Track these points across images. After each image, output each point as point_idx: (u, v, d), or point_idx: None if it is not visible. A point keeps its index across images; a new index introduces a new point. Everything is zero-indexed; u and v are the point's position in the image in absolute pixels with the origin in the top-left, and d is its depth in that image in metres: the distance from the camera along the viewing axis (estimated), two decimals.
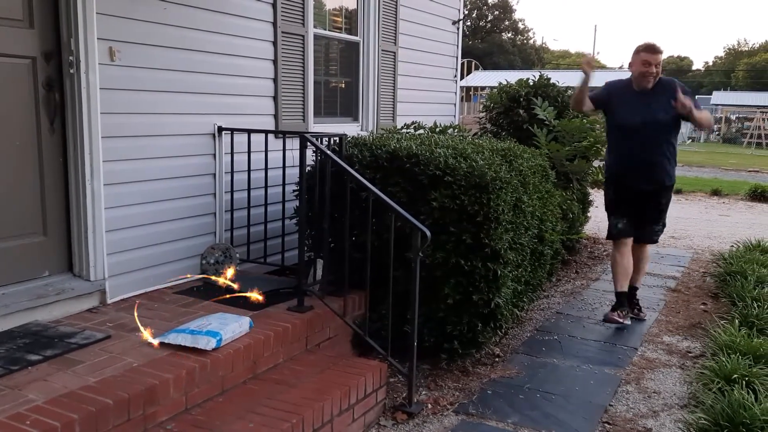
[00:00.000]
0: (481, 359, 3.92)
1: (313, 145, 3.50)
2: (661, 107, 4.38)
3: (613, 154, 4.75)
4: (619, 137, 4.67)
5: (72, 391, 2.42)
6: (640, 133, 4.45)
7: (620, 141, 4.65)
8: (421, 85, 6.45)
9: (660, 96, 4.40)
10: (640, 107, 4.45)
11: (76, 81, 3.27)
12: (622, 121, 4.57)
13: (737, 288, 5.11)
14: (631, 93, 4.53)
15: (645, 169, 4.50)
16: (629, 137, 4.53)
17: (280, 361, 3.18)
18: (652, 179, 4.54)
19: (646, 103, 4.44)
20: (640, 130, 4.45)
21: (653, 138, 4.46)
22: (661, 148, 4.49)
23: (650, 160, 4.48)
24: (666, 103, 4.34)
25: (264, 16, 4.44)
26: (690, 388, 3.64)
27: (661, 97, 4.39)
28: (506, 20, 52.82)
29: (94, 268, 3.43)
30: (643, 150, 4.48)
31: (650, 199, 4.62)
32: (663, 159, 4.50)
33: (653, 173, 4.52)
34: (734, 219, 9.82)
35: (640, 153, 4.49)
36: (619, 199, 4.72)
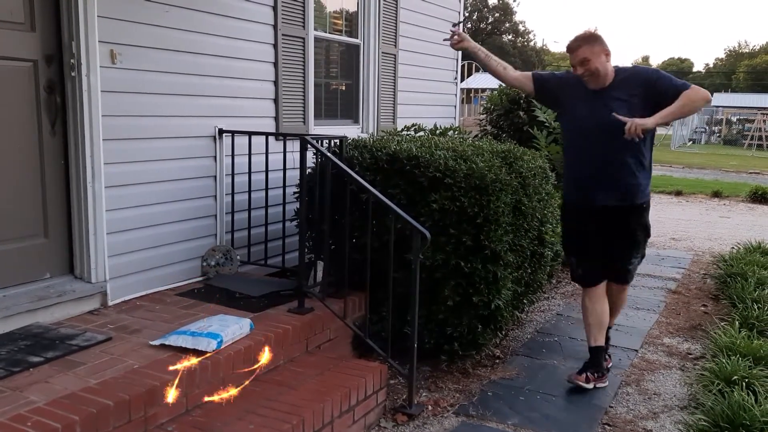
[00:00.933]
0: (481, 361, 3.92)
1: (313, 147, 3.51)
2: (622, 107, 3.39)
3: (567, 169, 3.76)
4: (570, 145, 3.71)
5: (73, 392, 2.43)
6: (595, 140, 3.47)
7: (572, 150, 3.69)
8: (422, 87, 6.46)
9: (621, 93, 3.44)
10: (596, 107, 3.47)
11: (77, 84, 3.29)
12: (572, 123, 3.64)
13: (738, 290, 5.11)
14: (585, 88, 3.53)
15: (603, 186, 3.50)
16: (581, 145, 3.58)
17: (280, 363, 3.18)
18: (614, 198, 3.51)
19: (602, 102, 3.45)
20: (594, 135, 3.47)
21: (611, 145, 3.43)
22: (623, 157, 3.46)
23: (609, 174, 3.48)
24: (630, 102, 3.40)
25: (264, 19, 4.45)
26: (690, 390, 3.64)
27: (623, 93, 3.44)
28: (507, 22, 52.88)
29: (95, 270, 3.44)
30: (599, 161, 3.49)
31: (615, 224, 3.56)
32: (626, 172, 3.48)
33: (614, 190, 3.49)
34: (735, 221, 9.82)
35: (595, 165, 3.51)
36: (577, 230, 3.70)
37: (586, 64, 3.43)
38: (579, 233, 3.69)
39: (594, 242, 3.64)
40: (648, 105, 3.37)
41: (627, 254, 3.66)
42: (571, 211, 3.75)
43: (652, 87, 3.42)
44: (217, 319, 3.11)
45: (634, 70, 3.62)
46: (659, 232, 8.53)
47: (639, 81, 3.46)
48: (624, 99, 3.42)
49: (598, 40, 3.47)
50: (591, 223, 3.61)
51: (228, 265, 4.10)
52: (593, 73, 3.44)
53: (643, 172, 3.54)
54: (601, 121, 3.42)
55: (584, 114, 3.53)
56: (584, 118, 3.53)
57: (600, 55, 3.43)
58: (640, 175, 3.52)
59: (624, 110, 3.36)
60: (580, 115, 3.56)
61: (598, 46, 3.44)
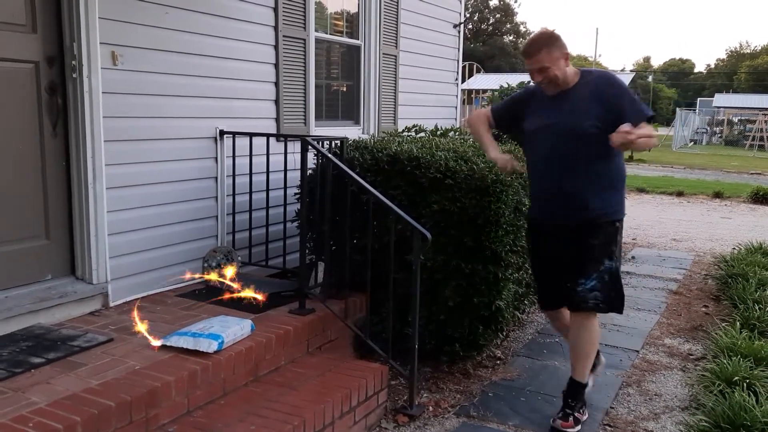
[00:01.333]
0: (482, 361, 3.93)
1: (314, 148, 3.51)
2: (581, 113, 3.06)
3: (530, 185, 3.45)
4: (530, 159, 3.35)
5: (74, 393, 2.43)
6: (551, 149, 3.15)
7: (531, 163, 3.34)
8: (423, 88, 6.46)
9: (582, 97, 3.10)
10: (553, 114, 3.16)
11: (78, 85, 3.29)
12: (530, 135, 3.29)
13: (739, 290, 5.10)
14: (544, 96, 3.22)
15: (558, 200, 3.18)
16: (540, 156, 3.24)
17: (281, 364, 3.19)
18: (569, 214, 3.16)
19: (559, 108, 3.14)
20: (550, 143, 3.14)
21: (566, 155, 3.10)
22: (581, 168, 3.09)
23: (563, 186, 3.13)
24: (592, 108, 3.06)
25: (265, 20, 4.46)
26: (691, 391, 3.64)
27: (584, 98, 3.10)
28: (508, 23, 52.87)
29: (97, 272, 3.44)
30: (557, 174, 3.14)
31: (571, 242, 3.17)
32: (584, 185, 3.11)
33: (569, 205, 3.14)
34: (736, 221, 9.82)
35: (550, 177, 3.17)
36: (534, 248, 3.44)
37: (544, 71, 3.08)
38: (536, 251, 3.42)
39: (551, 262, 3.32)
40: (606, 117, 3.02)
41: (581, 268, 3.13)
42: (531, 228, 3.49)
43: (616, 100, 3.07)
44: (218, 320, 3.11)
45: (601, 73, 3.29)
46: (660, 233, 8.53)
47: (604, 86, 3.12)
48: (587, 105, 3.08)
49: (557, 42, 3.10)
50: (549, 247, 3.30)
51: (229, 266, 4.10)
52: (551, 81, 3.10)
53: (601, 187, 3.13)
54: (558, 128, 3.12)
55: (542, 123, 3.20)
56: (542, 127, 3.20)
57: (559, 61, 3.07)
58: (597, 190, 3.12)
59: (587, 117, 3.06)
60: (539, 125, 3.21)
61: (556, 50, 3.08)
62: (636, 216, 9.88)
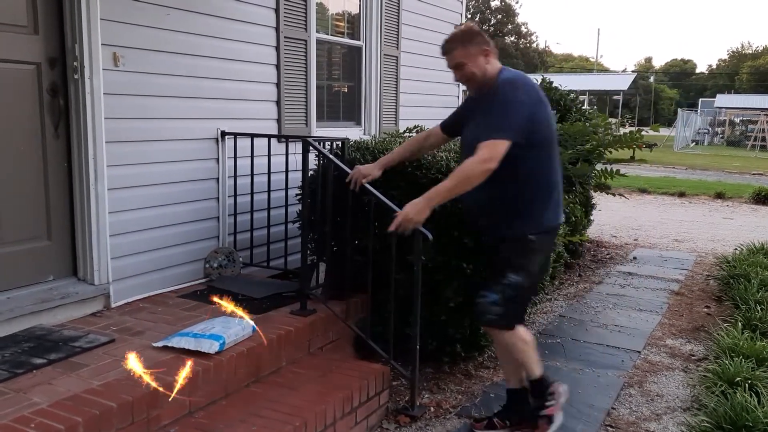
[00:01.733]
0: (483, 362, 3.92)
1: (315, 149, 3.51)
2: (481, 126, 2.84)
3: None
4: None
5: (76, 394, 2.44)
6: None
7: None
8: (424, 89, 6.46)
9: (488, 103, 2.86)
10: (470, 122, 3.02)
11: (80, 86, 3.30)
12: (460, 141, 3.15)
13: (740, 291, 5.10)
14: (471, 101, 3.11)
15: (474, 214, 3.10)
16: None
17: (282, 365, 3.19)
18: (486, 229, 3.09)
19: (474, 117, 2.98)
20: (465, 157, 2.88)
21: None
22: (492, 182, 2.75)
23: (477, 200, 2.95)
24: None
25: (267, 22, 4.46)
26: (693, 391, 3.63)
27: (488, 105, 2.85)
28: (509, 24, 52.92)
29: (98, 272, 3.45)
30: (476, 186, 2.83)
31: (489, 253, 3.11)
32: (494, 198, 2.89)
33: (483, 220, 3.05)
34: (738, 222, 9.80)
35: (471, 190, 2.82)
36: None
37: (461, 68, 2.90)
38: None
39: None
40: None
41: (485, 281, 3.00)
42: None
43: (490, 107, 2.82)
44: (220, 321, 3.12)
45: (506, 76, 2.89)
46: (662, 234, 8.52)
47: (498, 91, 2.84)
48: (485, 113, 2.84)
49: (475, 38, 2.90)
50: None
51: (230, 267, 4.11)
52: (470, 79, 2.93)
53: (514, 203, 2.89)
54: (465, 142, 2.99)
55: (463, 134, 3.08)
56: (462, 138, 3.10)
57: (477, 57, 2.86)
58: (507, 206, 2.91)
59: (483, 129, 2.80)
60: (462, 135, 3.10)
61: (474, 46, 2.88)
62: (638, 217, 9.88)
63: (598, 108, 27.93)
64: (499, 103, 2.80)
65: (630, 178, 11.34)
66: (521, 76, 2.94)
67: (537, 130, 2.82)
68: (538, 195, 2.92)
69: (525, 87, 2.86)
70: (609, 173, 6.40)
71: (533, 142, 2.80)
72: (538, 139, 2.82)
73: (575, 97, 6.94)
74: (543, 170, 2.92)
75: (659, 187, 13.51)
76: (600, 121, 6.35)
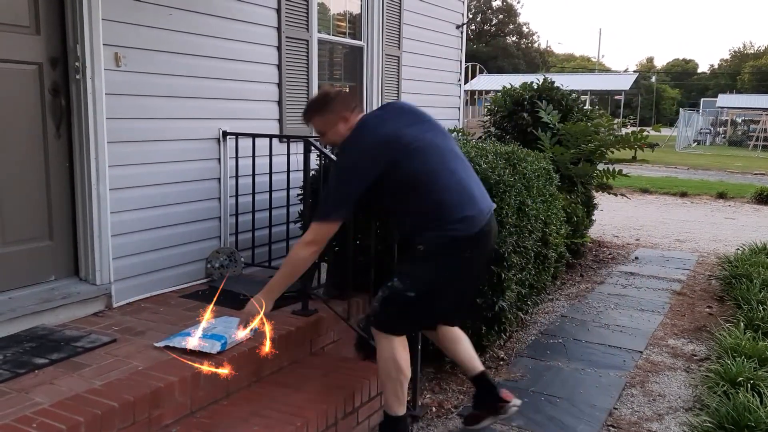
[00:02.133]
0: (485, 362, 3.91)
1: (317, 149, 3.51)
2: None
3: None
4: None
5: (78, 394, 2.44)
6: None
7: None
8: (425, 89, 6.46)
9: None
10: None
11: (81, 86, 3.30)
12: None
13: (743, 291, 5.09)
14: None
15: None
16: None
17: (284, 365, 3.19)
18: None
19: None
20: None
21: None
22: (389, 220, 3.21)
23: (394, 235, 3.24)
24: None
25: (268, 22, 4.46)
26: (695, 392, 3.63)
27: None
28: (510, 24, 52.87)
29: (100, 272, 3.45)
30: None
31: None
32: (399, 229, 3.09)
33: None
34: (740, 222, 9.79)
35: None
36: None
37: (322, 136, 2.95)
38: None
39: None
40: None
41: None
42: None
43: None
44: (222, 321, 3.11)
45: (347, 138, 2.82)
46: (664, 234, 8.51)
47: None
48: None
49: (330, 104, 2.86)
50: None
51: (232, 267, 4.11)
52: (332, 144, 3.02)
53: (404, 223, 2.90)
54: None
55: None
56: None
57: (336, 124, 2.85)
58: (402, 225, 2.96)
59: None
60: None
61: (330, 113, 2.85)
62: (639, 216, 9.87)
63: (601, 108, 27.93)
64: (333, 175, 2.81)
65: (632, 178, 11.31)
66: (359, 126, 2.82)
67: (397, 166, 2.69)
68: (431, 221, 2.74)
69: (359, 141, 2.76)
70: (611, 173, 6.40)
71: (399, 177, 2.70)
72: (405, 172, 2.70)
73: (577, 97, 6.94)
74: (426, 199, 2.74)
75: (661, 187, 13.50)
76: (604, 121, 6.35)
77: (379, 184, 2.70)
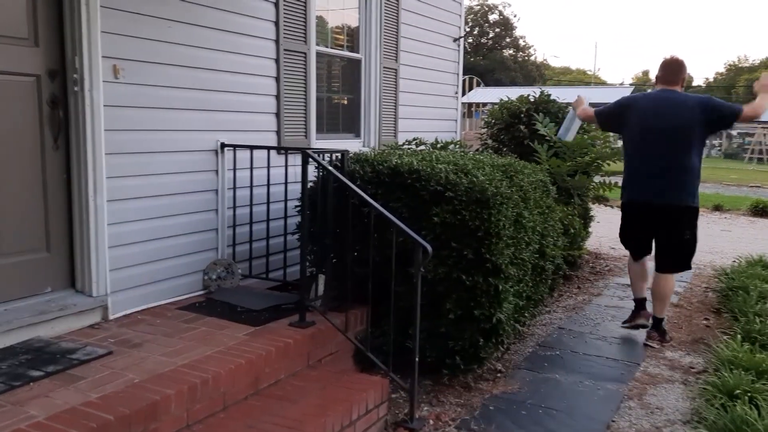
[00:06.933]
0: (483, 375, 3.91)
1: (315, 161, 3.52)
2: None
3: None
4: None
5: (73, 407, 2.42)
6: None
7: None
8: (423, 102, 6.49)
9: None
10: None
11: (80, 99, 3.31)
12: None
13: (739, 303, 5.09)
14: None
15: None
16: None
17: (281, 377, 3.17)
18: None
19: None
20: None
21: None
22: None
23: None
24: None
25: (267, 34, 4.49)
26: (693, 404, 3.62)
27: None
28: (507, 37, 53.14)
29: (97, 284, 3.44)
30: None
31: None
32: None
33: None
34: (736, 234, 9.82)
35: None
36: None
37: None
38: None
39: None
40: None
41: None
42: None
43: None
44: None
45: None
46: None
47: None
48: None
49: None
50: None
51: (229, 278, 4.10)
52: None
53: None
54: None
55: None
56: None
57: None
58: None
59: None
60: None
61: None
62: None
63: None
64: None
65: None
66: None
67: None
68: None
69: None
70: (607, 185, 6.42)
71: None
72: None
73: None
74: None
75: None
76: (600, 133, 6.38)
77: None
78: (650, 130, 4.38)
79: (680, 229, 4.42)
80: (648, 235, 4.57)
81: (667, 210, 4.38)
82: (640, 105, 4.55)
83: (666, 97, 4.46)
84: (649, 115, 4.42)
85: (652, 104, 4.51)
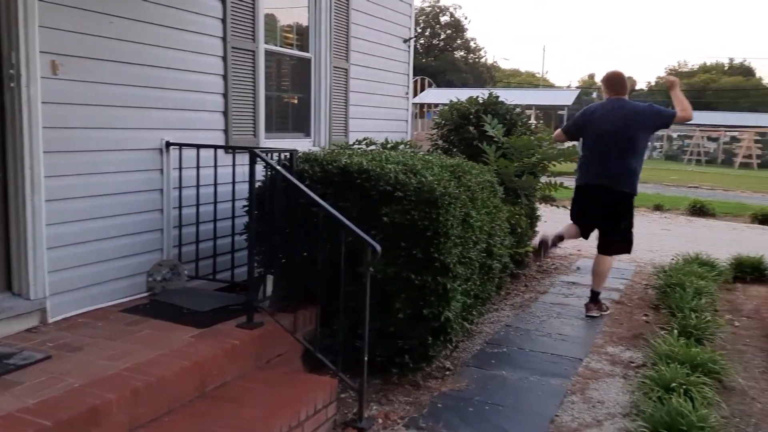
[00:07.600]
0: (431, 373, 3.95)
1: (263, 160, 3.49)
2: None
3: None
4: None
5: (9, 413, 2.34)
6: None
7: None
8: (374, 102, 6.51)
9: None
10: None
11: (16, 95, 3.19)
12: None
13: (676, 299, 5.29)
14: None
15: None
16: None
17: (229, 379, 3.13)
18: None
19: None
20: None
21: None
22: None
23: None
24: None
25: (214, 31, 4.42)
26: (632, 397, 3.75)
27: None
28: (458, 39, 53.76)
29: (35, 287, 3.32)
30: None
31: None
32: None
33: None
34: (675, 232, 10.21)
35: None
36: None
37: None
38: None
39: None
40: None
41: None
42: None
43: None
44: None
45: None
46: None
47: None
48: None
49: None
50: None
51: (175, 279, 4.02)
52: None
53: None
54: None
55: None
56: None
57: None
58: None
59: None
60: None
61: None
62: None
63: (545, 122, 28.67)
64: None
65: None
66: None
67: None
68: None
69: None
70: (553, 186, 6.58)
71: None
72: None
73: (521, 112, 7.13)
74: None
75: None
76: (546, 135, 6.54)
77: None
78: (602, 133, 5.23)
79: (618, 212, 5.25)
80: (592, 215, 5.37)
81: (609, 191, 5.19)
82: (596, 114, 5.39)
83: (616, 106, 5.28)
84: (603, 122, 5.27)
85: (606, 112, 5.31)
